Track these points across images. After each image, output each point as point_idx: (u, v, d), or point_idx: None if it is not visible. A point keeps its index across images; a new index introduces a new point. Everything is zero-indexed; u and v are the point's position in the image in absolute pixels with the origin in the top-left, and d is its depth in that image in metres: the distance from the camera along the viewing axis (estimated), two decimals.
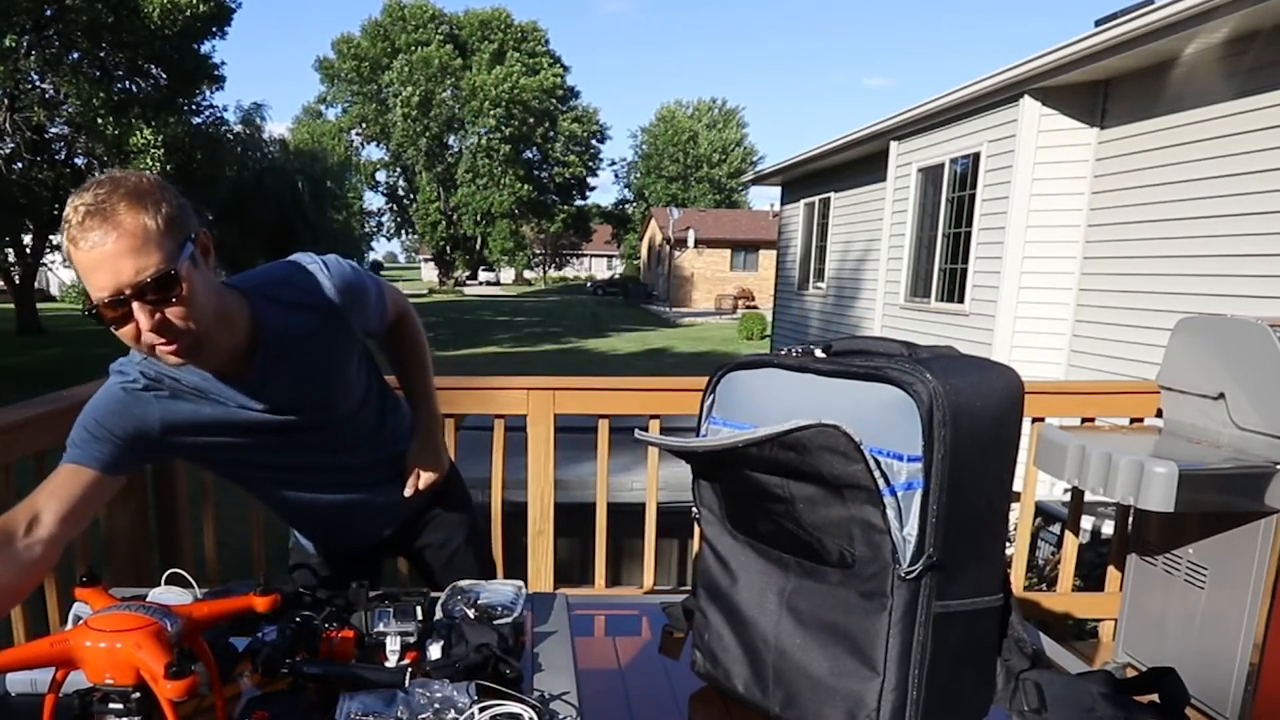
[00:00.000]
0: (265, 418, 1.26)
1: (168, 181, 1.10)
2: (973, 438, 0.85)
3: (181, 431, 1.23)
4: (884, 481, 0.84)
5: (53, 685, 0.82)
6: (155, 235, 1.02)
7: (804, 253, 11.94)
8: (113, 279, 1.01)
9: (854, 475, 0.84)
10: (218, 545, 2.36)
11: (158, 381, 1.20)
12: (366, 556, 1.60)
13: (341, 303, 1.29)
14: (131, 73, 17.33)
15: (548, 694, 0.95)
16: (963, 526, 0.87)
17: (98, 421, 1.18)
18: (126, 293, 1.01)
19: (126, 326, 1.05)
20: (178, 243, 1.05)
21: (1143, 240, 5.61)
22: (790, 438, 0.86)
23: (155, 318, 1.04)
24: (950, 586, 0.89)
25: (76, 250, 1.01)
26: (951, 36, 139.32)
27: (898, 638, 0.87)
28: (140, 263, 1.01)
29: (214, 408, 1.23)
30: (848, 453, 0.83)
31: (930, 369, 0.86)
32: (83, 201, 1.01)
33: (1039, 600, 2.51)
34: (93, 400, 1.21)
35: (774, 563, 0.99)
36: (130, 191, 1.02)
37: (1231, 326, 2.09)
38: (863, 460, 0.82)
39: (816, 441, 0.84)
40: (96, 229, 0.99)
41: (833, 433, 0.83)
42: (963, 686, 0.94)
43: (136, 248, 1.01)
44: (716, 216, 36.96)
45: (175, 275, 1.04)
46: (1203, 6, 4.53)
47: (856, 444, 0.82)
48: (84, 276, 1.03)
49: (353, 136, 42.78)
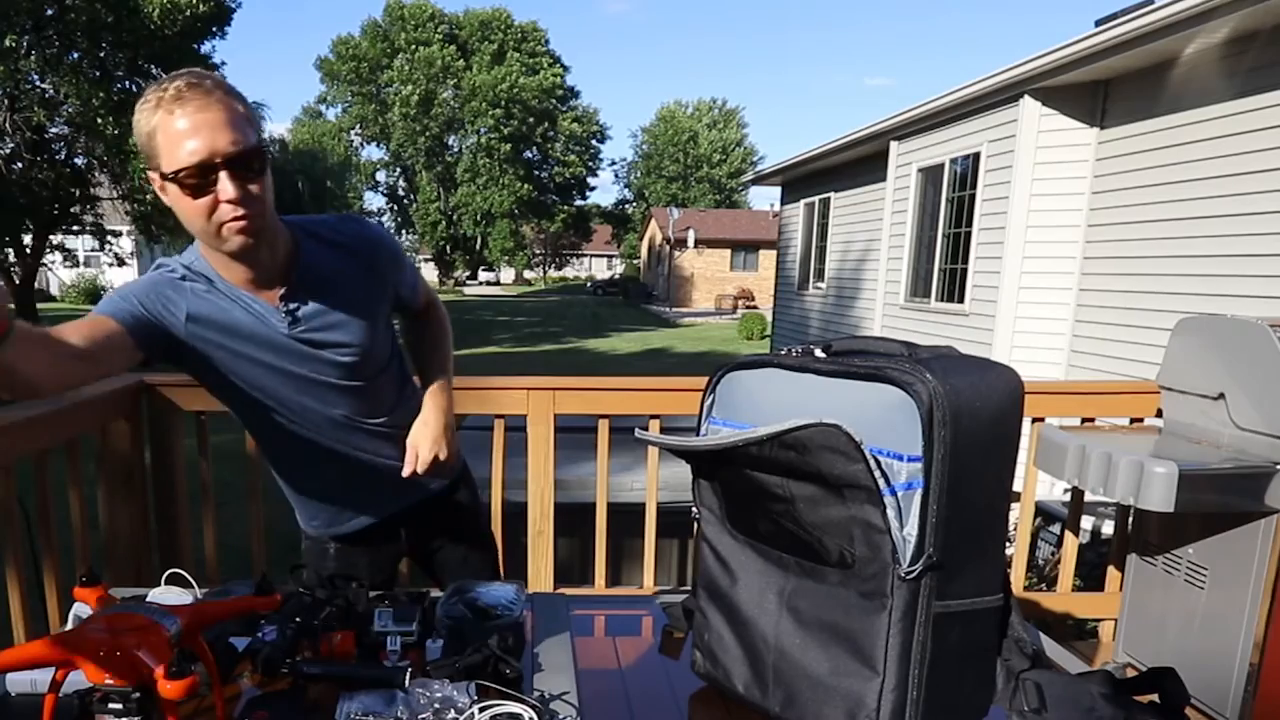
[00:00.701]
0: (290, 343, 1.29)
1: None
2: (973, 438, 0.85)
3: (209, 327, 1.25)
4: (884, 481, 0.84)
5: (52, 685, 0.82)
6: (245, 118, 1.13)
7: (804, 253, 11.94)
8: (209, 145, 1.09)
9: (854, 475, 0.84)
10: (218, 545, 2.36)
11: (196, 275, 1.25)
12: (379, 551, 1.58)
13: (379, 255, 1.37)
14: (131, 73, 17.32)
15: (548, 694, 0.95)
16: (963, 526, 0.87)
17: (130, 293, 1.22)
18: (218, 160, 1.09)
19: (205, 197, 1.11)
20: (258, 133, 1.16)
21: (1143, 240, 5.61)
22: (790, 437, 0.86)
23: (239, 189, 1.11)
24: (950, 586, 0.89)
25: (171, 118, 1.08)
26: (954, 36, 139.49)
27: (898, 637, 0.87)
28: (234, 135, 1.10)
29: (244, 314, 1.26)
30: (848, 452, 0.83)
31: (930, 369, 0.86)
32: (178, 81, 1.10)
33: (1039, 600, 2.51)
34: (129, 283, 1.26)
35: (774, 563, 0.99)
36: (221, 81, 1.14)
37: (1231, 326, 2.09)
38: (863, 460, 0.82)
39: (817, 441, 0.84)
40: (196, 99, 1.09)
41: (833, 432, 0.83)
42: (963, 686, 0.94)
43: (233, 121, 1.11)
44: (716, 216, 36.96)
45: (264, 152, 1.15)
46: (1203, 6, 4.53)
47: (857, 443, 0.82)
48: (174, 144, 1.09)
49: (352, 136, 42.79)
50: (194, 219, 1.14)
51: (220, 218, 1.13)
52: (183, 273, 1.25)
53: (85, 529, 2.01)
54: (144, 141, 1.13)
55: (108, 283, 29.27)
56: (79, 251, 26.26)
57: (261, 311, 1.27)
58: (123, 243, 23.69)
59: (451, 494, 1.63)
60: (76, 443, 1.98)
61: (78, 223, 19.77)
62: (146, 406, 2.26)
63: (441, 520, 1.63)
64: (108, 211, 20.32)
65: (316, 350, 1.31)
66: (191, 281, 1.24)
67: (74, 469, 1.97)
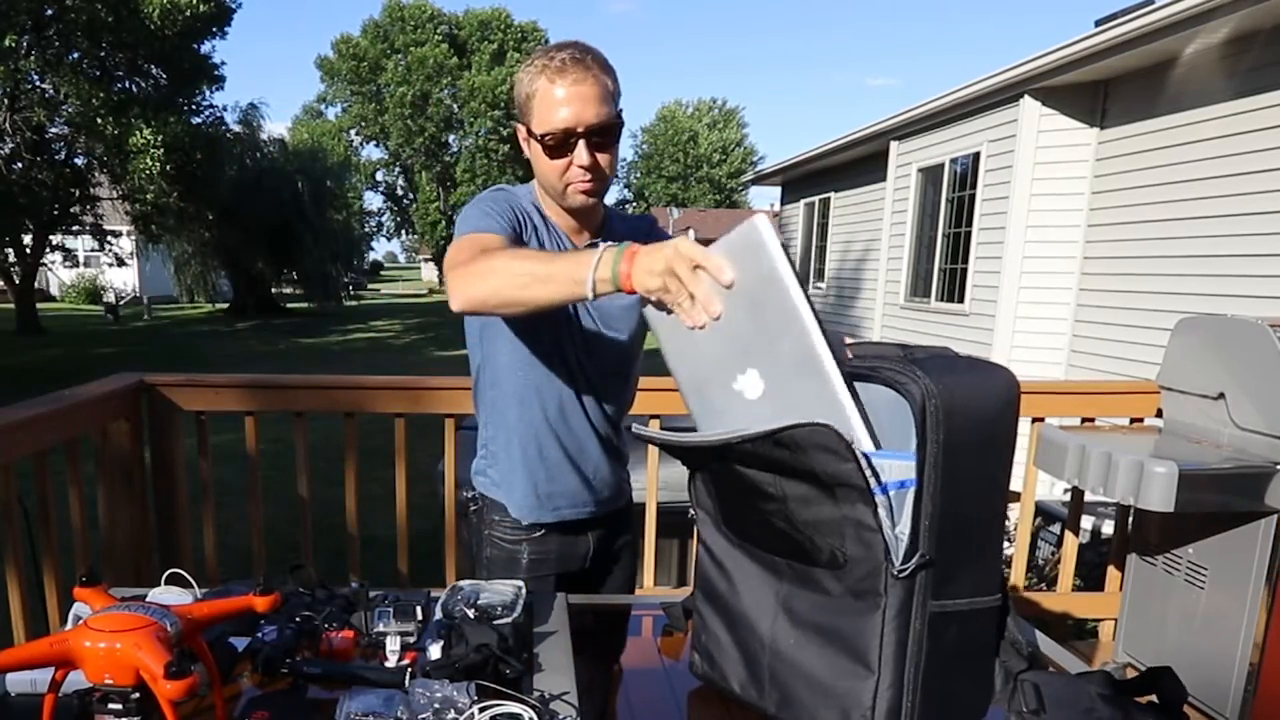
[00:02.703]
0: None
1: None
2: (967, 437, 0.86)
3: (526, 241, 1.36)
4: (875, 480, 0.84)
5: (52, 685, 0.82)
6: (613, 93, 1.28)
7: (804, 252, 11.94)
8: (578, 115, 1.24)
9: (845, 474, 0.84)
10: (218, 545, 2.37)
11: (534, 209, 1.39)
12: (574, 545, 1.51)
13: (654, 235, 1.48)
14: (131, 73, 17.34)
15: (548, 694, 0.94)
16: (958, 526, 0.87)
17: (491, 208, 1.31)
18: (581, 130, 1.25)
19: (561, 159, 1.28)
20: (619, 108, 1.30)
21: (1143, 240, 5.61)
22: (783, 436, 0.86)
23: (592, 157, 1.27)
24: (946, 586, 0.89)
25: (551, 86, 1.24)
26: (957, 36, 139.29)
27: (892, 636, 0.87)
28: (601, 109, 1.26)
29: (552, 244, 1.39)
30: (839, 451, 0.83)
31: (924, 369, 0.86)
32: (564, 53, 1.25)
33: (1039, 600, 2.51)
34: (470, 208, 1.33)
35: (767, 566, 0.99)
36: (600, 57, 1.28)
37: (1231, 326, 2.09)
38: (854, 459, 0.82)
39: (809, 440, 0.84)
40: (577, 71, 1.24)
41: (824, 431, 0.83)
42: (960, 686, 0.94)
43: (603, 96, 1.26)
44: (717, 216, 36.96)
45: (620, 125, 1.29)
46: (1203, 6, 4.53)
47: (848, 443, 0.82)
48: (548, 109, 1.25)
49: (352, 136, 42.76)
50: (548, 173, 1.31)
51: (570, 178, 1.29)
52: (528, 204, 1.38)
53: (85, 529, 2.01)
54: (522, 100, 1.30)
55: (107, 283, 29.27)
56: (79, 251, 26.31)
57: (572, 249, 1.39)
58: (123, 243, 23.70)
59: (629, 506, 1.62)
60: (76, 443, 1.98)
61: (78, 223, 19.78)
62: (146, 406, 2.26)
63: (625, 548, 1.62)
64: (108, 211, 20.33)
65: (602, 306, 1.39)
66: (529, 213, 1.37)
67: (74, 469, 1.97)
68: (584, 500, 1.49)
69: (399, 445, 2.36)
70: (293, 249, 25.17)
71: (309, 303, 28.29)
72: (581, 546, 1.52)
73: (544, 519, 1.46)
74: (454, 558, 2.38)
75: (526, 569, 1.46)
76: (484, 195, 1.37)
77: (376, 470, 2.97)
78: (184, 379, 2.31)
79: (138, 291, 29.74)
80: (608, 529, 1.55)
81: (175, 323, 24.00)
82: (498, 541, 1.49)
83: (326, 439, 3.11)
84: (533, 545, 1.47)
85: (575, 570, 1.51)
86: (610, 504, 1.54)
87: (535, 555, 1.47)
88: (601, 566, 1.57)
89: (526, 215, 1.36)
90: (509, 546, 1.48)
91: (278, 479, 2.87)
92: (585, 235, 1.42)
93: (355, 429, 2.35)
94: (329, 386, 2.42)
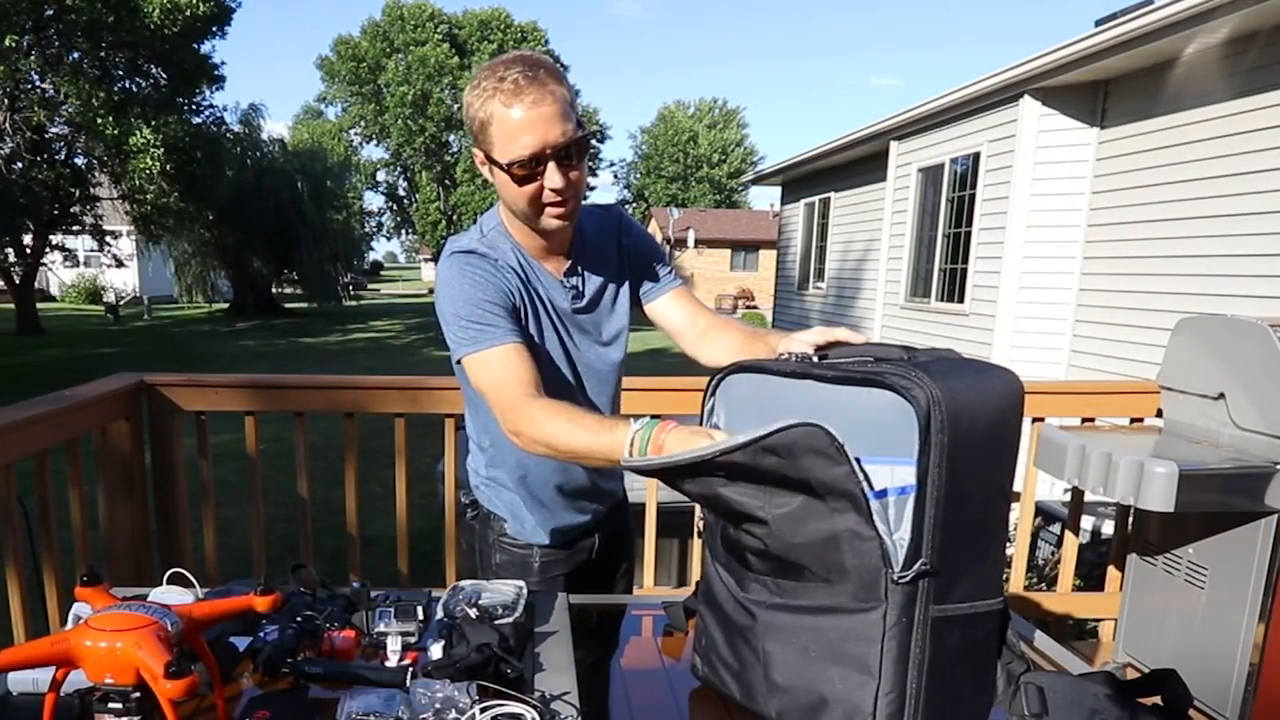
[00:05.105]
0: (564, 304, 1.35)
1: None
2: (971, 441, 0.85)
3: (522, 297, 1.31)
4: (869, 485, 0.83)
5: (53, 684, 0.82)
6: (571, 104, 1.19)
7: (804, 252, 11.94)
8: (542, 138, 1.16)
9: (837, 479, 0.83)
10: (218, 545, 2.36)
11: (496, 250, 1.30)
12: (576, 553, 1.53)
13: (629, 238, 1.44)
14: (131, 73, 17.32)
15: (548, 694, 0.94)
16: (961, 530, 0.87)
17: (484, 300, 1.23)
18: (548, 151, 1.17)
19: (531, 185, 1.20)
20: (577, 114, 1.21)
21: (1143, 240, 5.61)
22: (775, 441, 0.83)
23: (564, 178, 1.19)
24: (949, 591, 0.88)
25: (507, 111, 1.15)
26: (962, 34, 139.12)
27: (893, 641, 0.86)
28: (565, 126, 1.17)
29: (539, 282, 1.33)
30: (831, 455, 0.81)
31: (928, 372, 0.85)
32: (514, 72, 1.15)
33: (1039, 600, 2.51)
34: (453, 290, 1.25)
35: (763, 573, 0.98)
36: (551, 68, 1.19)
37: (1231, 326, 2.09)
38: (846, 462, 0.81)
39: (801, 444, 0.82)
40: (534, 91, 1.14)
41: (816, 432, 0.81)
42: (963, 690, 0.94)
43: (564, 112, 1.17)
44: (716, 216, 36.93)
45: (588, 141, 1.22)
46: (1203, 6, 4.53)
47: (839, 445, 0.81)
48: (509, 137, 1.17)
49: (352, 136, 42.74)
50: (518, 200, 1.22)
51: (548, 200, 1.21)
52: (505, 259, 1.29)
53: (85, 529, 2.01)
54: (476, 127, 1.21)
55: (107, 283, 29.26)
56: (79, 251, 26.29)
57: (545, 279, 1.34)
58: (122, 243, 23.67)
59: (624, 500, 1.62)
60: (76, 443, 1.98)
61: (78, 223, 19.75)
62: (146, 406, 2.26)
63: (622, 524, 1.63)
64: (107, 211, 20.31)
65: (585, 312, 1.37)
66: (509, 277, 1.28)
67: (74, 469, 1.97)
68: (587, 509, 1.51)
69: (399, 445, 2.36)
70: (292, 249, 25.17)
71: (309, 303, 28.28)
72: (588, 542, 1.54)
73: (553, 540, 1.49)
74: (454, 557, 2.38)
75: (539, 571, 1.48)
76: (464, 273, 1.25)
77: (376, 470, 2.97)
78: (184, 379, 2.31)
79: (138, 291, 29.71)
80: (610, 522, 1.57)
81: (175, 323, 23.99)
82: (508, 548, 1.50)
83: (326, 439, 3.11)
84: (543, 551, 1.49)
85: (584, 561, 1.53)
86: (610, 498, 1.56)
87: (547, 558, 1.49)
88: (607, 556, 1.59)
89: (510, 289, 1.27)
90: (520, 552, 1.49)
91: (278, 479, 2.87)
92: (560, 260, 1.35)
93: (355, 429, 2.35)
94: (329, 386, 2.42)
